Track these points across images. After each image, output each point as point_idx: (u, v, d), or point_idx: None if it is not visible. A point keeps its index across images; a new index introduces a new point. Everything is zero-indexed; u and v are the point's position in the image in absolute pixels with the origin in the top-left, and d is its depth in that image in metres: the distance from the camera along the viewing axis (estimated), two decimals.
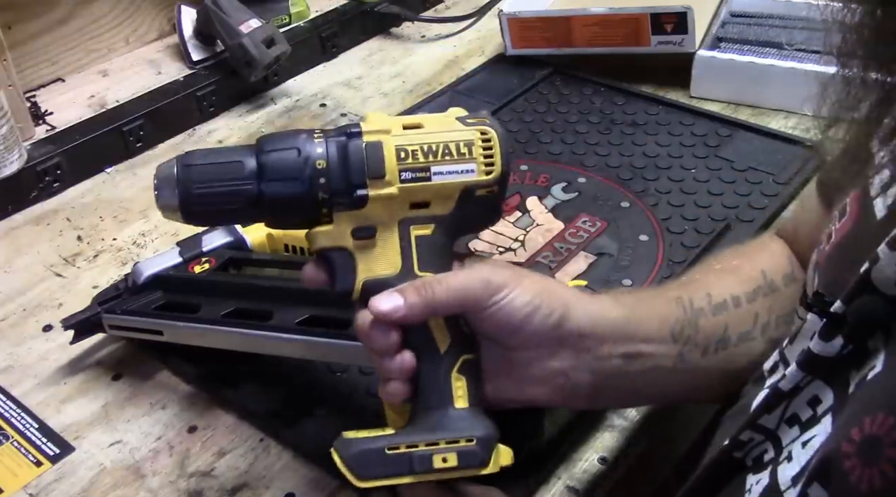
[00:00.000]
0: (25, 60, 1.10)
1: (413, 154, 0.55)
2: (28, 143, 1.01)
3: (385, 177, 0.54)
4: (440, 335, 0.55)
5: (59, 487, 0.68)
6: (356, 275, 0.56)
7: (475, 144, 0.56)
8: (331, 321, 0.68)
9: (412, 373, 0.55)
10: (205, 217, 0.57)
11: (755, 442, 0.49)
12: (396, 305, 0.53)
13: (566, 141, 1.05)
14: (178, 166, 0.56)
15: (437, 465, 0.53)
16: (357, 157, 0.54)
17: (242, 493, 0.67)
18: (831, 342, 0.45)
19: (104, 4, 1.18)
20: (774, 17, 1.18)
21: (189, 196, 0.55)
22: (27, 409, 0.74)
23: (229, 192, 0.55)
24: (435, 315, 0.54)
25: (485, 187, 0.56)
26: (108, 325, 0.76)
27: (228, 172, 0.55)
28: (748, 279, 0.63)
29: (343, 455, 0.53)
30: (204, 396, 0.75)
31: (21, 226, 0.97)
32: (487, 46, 1.27)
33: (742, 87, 1.09)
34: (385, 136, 0.55)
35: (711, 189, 0.96)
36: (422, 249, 0.56)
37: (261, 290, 0.72)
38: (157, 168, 0.57)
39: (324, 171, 0.54)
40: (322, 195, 0.54)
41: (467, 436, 0.54)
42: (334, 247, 0.56)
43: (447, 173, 0.55)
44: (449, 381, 0.55)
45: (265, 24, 1.12)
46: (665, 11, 1.09)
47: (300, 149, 0.54)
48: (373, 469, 0.53)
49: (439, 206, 0.56)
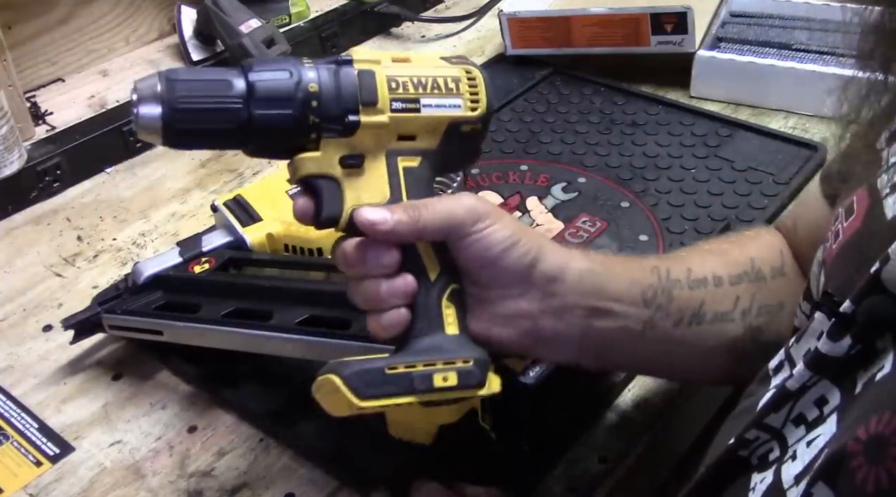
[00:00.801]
0: (25, 60, 1.10)
1: (403, 85, 0.55)
2: (28, 143, 1.01)
3: (377, 104, 0.54)
4: (430, 263, 0.55)
5: (59, 487, 0.68)
6: (343, 203, 0.55)
7: (462, 81, 0.57)
8: (331, 321, 0.68)
9: (414, 295, 0.54)
10: (186, 137, 0.53)
11: (761, 441, 0.49)
12: (385, 217, 0.53)
13: (566, 141, 1.05)
14: (161, 80, 0.52)
15: (438, 384, 0.52)
16: (350, 83, 0.54)
17: (242, 493, 0.67)
18: (839, 342, 0.45)
19: (104, 4, 1.17)
20: (774, 17, 1.18)
21: (173, 111, 0.51)
22: (27, 409, 0.74)
23: (217, 110, 0.52)
24: (420, 238, 0.55)
25: (469, 124, 0.57)
26: (108, 325, 0.76)
27: (216, 90, 0.52)
28: (735, 263, 0.63)
29: (342, 375, 0.52)
30: (204, 396, 0.75)
31: (21, 226, 0.97)
32: (487, 46, 1.27)
33: (742, 87, 1.09)
34: (376, 66, 0.55)
35: (711, 189, 0.96)
36: (409, 180, 0.56)
37: (261, 290, 0.72)
38: (136, 83, 0.52)
39: (316, 94, 0.53)
40: (313, 119, 0.53)
41: (464, 357, 0.54)
42: (321, 174, 0.55)
43: (435, 106, 0.56)
44: (440, 307, 0.55)
45: (265, 24, 1.12)
46: (665, 11, 1.09)
47: (291, 71, 0.53)
48: (374, 388, 0.51)
49: (426, 140, 0.57)
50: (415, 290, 0.54)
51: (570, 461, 0.68)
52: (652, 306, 0.59)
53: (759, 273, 0.63)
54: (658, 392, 0.74)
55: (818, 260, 0.54)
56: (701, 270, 0.62)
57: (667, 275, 0.61)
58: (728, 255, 0.64)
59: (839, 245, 0.52)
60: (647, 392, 0.74)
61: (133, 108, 0.52)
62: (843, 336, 0.45)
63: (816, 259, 0.55)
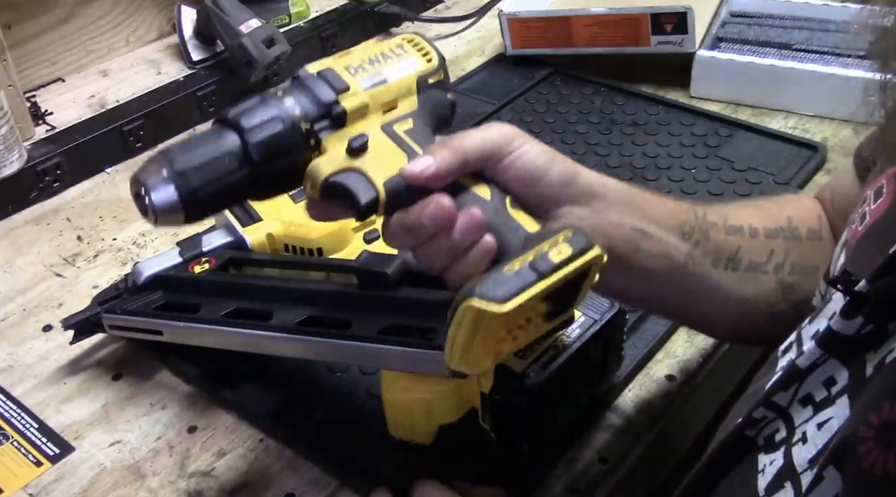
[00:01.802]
0: (25, 60, 1.10)
1: (361, 68, 0.58)
2: (28, 143, 1.01)
3: (350, 89, 0.57)
4: (480, 188, 0.56)
5: (59, 487, 0.68)
6: (374, 182, 0.55)
7: (404, 45, 0.61)
8: (331, 321, 0.68)
9: (485, 220, 0.54)
10: (207, 206, 0.55)
11: (767, 420, 0.49)
12: (428, 161, 0.54)
13: (566, 141, 1.05)
14: (164, 163, 0.53)
15: (556, 259, 0.51)
16: (317, 83, 0.57)
17: (242, 493, 0.67)
18: (852, 321, 0.44)
19: (104, 4, 1.17)
20: (774, 17, 1.18)
21: (189, 188, 0.53)
22: (27, 409, 0.74)
23: (223, 166, 0.53)
24: (464, 168, 0.55)
25: (433, 75, 0.61)
26: (108, 325, 0.75)
27: (213, 149, 0.54)
28: (772, 218, 0.63)
29: (473, 295, 0.49)
30: (204, 396, 0.75)
31: (21, 226, 0.97)
32: (487, 46, 1.27)
33: (742, 87, 1.09)
34: (329, 63, 0.58)
35: (711, 189, 0.96)
36: (415, 137, 0.58)
37: (261, 290, 0.72)
38: (137, 174, 0.53)
39: (295, 104, 0.56)
40: (305, 125, 0.55)
41: (562, 232, 0.53)
42: (339, 169, 0.56)
43: (398, 70, 0.60)
44: (511, 214, 0.55)
45: (265, 24, 1.12)
46: (665, 11, 1.09)
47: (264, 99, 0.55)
48: (505, 288, 0.50)
49: (406, 103, 0.60)
50: (485, 220, 0.54)
51: (570, 461, 0.68)
52: (690, 240, 0.59)
53: (795, 232, 0.63)
54: (658, 392, 0.74)
55: (842, 241, 0.54)
56: (737, 219, 0.62)
57: (704, 216, 0.61)
58: (766, 210, 0.65)
59: (865, 227, 0.51)
60: (647, 392, 0.74)
61: (144, 199, 0.52)
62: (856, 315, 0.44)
63: (841, 240, 0.55)
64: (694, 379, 0.76)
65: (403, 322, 0.63)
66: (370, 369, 0.74)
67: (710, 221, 0.61)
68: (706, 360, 0.77)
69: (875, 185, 0.53)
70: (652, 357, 0.77)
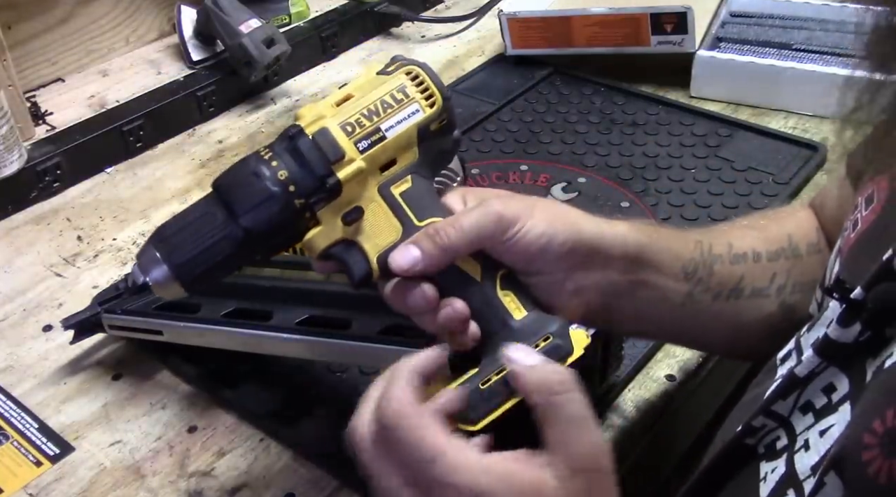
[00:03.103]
0: (25, 60, 1.10)
1: (358, 123, 0.55)
2: (28, 143, 1.01)
3: (346, 156, 0.54)
4: (470, 267, 0.55)
5: (58, 487, 0.68)
6: (367, 256, 0.55)
7: (407, 86, 0.57)
8: (331, 321, 0.68)
9: (469, 313, 0.54)
10: (203, 278, 0.55)
11: (768, 428, 0.49)
12: (415, 258, 0.53)
13: (566, 141, 1.05)
14: (153, 245, 0.55)
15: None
16: (311, 151, 0.54)
17: (242, 493, 0.67)
18: (849, 329, 0.45)
19: (104, 4, 1.17)
20: (774, 17, 1.18)
21: (179, 266, 0.54)
22: (27, 409, 0.74)
23: (214, 244, 0.54)
24: (455, 259, 0.54)
25: (435, 120, 0.57)
26: (108, 325, 0.76)
27: (203, 226, 0.54)
28: (773, 239, 0.63)
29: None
30: (204, 396, 0.75)
31: (21, 226, 0.97)
32: (487, 46, 1.27)
33: (742, 87, 1.09)
34: (325, 121, 0.55)
35: (711, 189, 0.96)
36: (411, 202, 0.56)
37: (261, 290, 0.72)
38: (137, 260, 0.56)
39: (289, 179, 0.54)
40: (298, 201, 0.54)
41: (542, 336, 0.53)
42: (333, 242, 0.56)
43: (397, 124, 0.56)
44: (498, 299, 0.55)
45: (265, 24, 1.12)
46: (665, 11, 1.09)
47: (257, 172, 0.54)
48: (480, 408, 0.52)
49: (406, 158, 0.57)
50: (467, 310, 0.54)
51: None
52: (692, 280, 0.59)
53: (795, 250, 0.63)
54: (658, 392, 0.74)
55: (836, 249, 0.54)
56: (741, 246, 0.62)
57: (709, 250, 0.61)
58: (767, 231, 0.64)
59: (857, 234, 0.51)
60: (647, 392, 0.74)
61: (147, 282, 0.55)
62: (853, 322, 0.44)
63: (835, 248, 0.55)
64: (694, 379, 0.76)
65: (403, 322, 0.63)
66: (370, 369, 0.74)
67: (716, 255, 0.61)
68: (706, 360, 0.77)
69: (866, 192, 0.53)
70: (652, 357, 0.77)
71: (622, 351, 0.72)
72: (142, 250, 0.55)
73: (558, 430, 0.47)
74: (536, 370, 0.49)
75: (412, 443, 0.47)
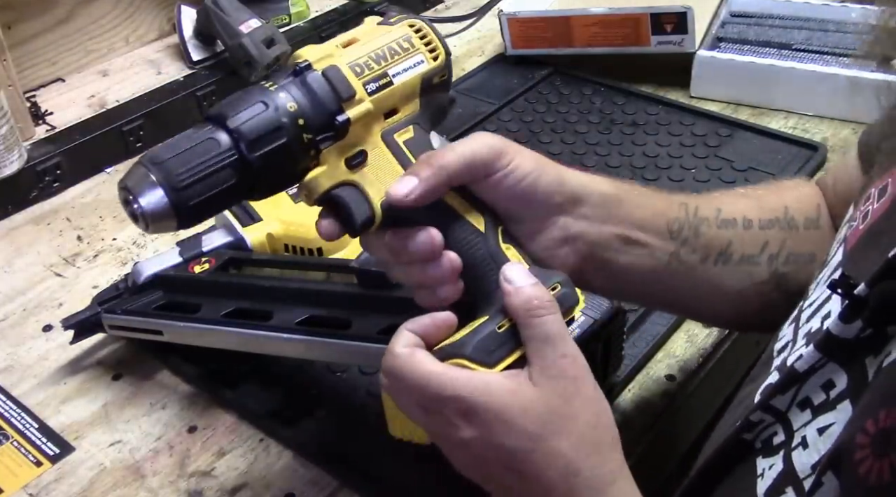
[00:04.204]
0: (25, 60, 1.10)
1: (367, 65, 0.55)
2: (28, 143, 1.01)
3: (356, 95, 0.54)
4: (473, 217, 0.55)
5: (59, 487, 0.68)
6: (370, 200, 0.55)
7: (412, 37, 0.57)
8: (331, 321, 0.68)
9: (460, 270, 0.54)
10: (199, 210, 0.52)
11: (765, 423, 0.49)
12: (411, 183, 0.53)
13: (566, 141, 1.05)
14: (150, 168, 0.51)
15: None
16: (322, 87, 0.53)
17: (242, 493, 0.67)
18: (851, 325, 0.44)
19: (104, 4, 1.17)
20: (774, 17, 1.18)
21: (178, 191, 0.50)
22: (27, 409, 0.74)
23: (216, 171, 0.51)
24: (449, 184, 0.54)
25: (438, 74, 0.58)
26: (108, 325, 0.76)
27: (205, 153, 0.51)
28: (768, 208, 0.63)
29: (465, 355, 0.51)
30: (204, 396, 0.75)
31: (21, 226, 0.97)
32: (487, 46, 1.27)
33: (742, 87, 1.09)
34: (334, 59, 0.55)
35: (711, 189, 0.95)
36: (414, 150, 0.56)
37: (261, 290, 0.72)
38: (123, 182, 0.51)
39: (298, 112, 0.52)
40: (306, 136, 0.53)
41: (552, 284, 0.53)
42: (337, 183, 0.55)
43: (403, 72, 0.56)
44: (501, 251, 0.55)
45: (265, 24, 1.12)
46: (665, 11, 1.09)
47: (265, 102, 0.52)
48: (498, 352, 0.51)
49: (408, 108, 0.57)
50: (460, 266, 0.54)
51: None
52: (677, 239, 0.59)
53: (791, 221, 0.63)
54: (658, 392, 0.74)
55: (840, 238, 0.54)
56: (731, 211, 0.62)
57: (695, 212, 0.61)
58: (762, 200, 0.64)
59: (866, 226, 0.51)
60: (647, 392, 0.74)
61: (132, 205, 0.51)
62: (855, 319, 0.44)
63: (839, 237, 0.55)
64: (694, 379, 0.76)
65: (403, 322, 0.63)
66: (370, 369, 0.74)
67: (702, 217, 0.61)
68: (706, 360, 0.77)
69: (880, 184, 0.52)
70: (652, 357, 0.77)
71: (622, 351, 0.72)
72: (131, 172, 0.51)
73: (535, 345, 0.51)
74: (521, 291, 0.51)
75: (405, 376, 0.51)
